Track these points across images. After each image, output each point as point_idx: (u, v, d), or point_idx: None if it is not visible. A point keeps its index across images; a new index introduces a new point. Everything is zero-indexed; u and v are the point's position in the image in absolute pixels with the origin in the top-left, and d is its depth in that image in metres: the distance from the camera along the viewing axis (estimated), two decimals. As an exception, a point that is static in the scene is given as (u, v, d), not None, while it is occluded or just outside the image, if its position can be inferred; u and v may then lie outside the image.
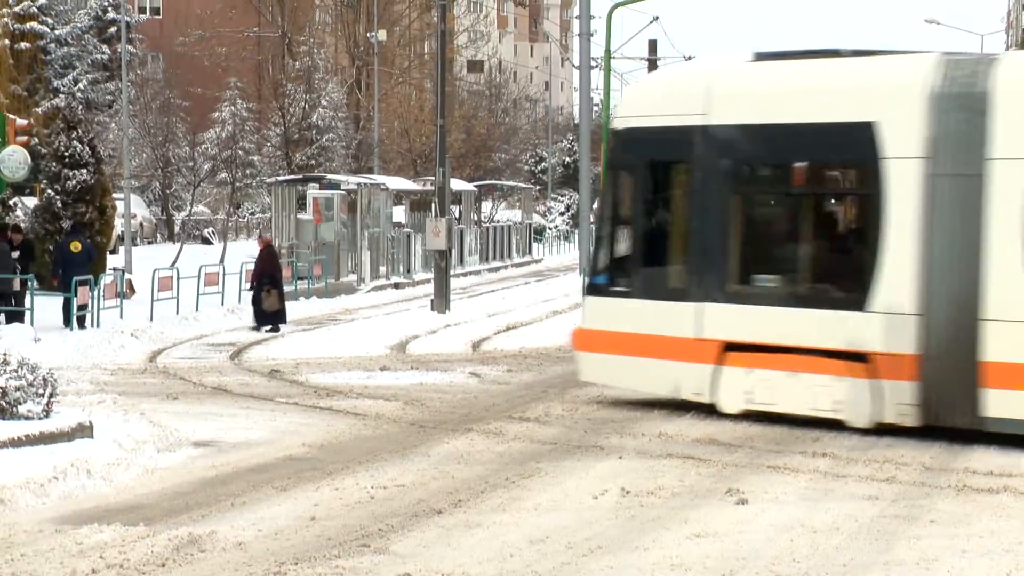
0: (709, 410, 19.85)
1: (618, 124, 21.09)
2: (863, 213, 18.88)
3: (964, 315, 17.70)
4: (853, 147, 18.65)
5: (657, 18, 60.00)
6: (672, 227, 20.44)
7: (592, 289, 21.16)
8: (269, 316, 33.90)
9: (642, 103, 20.80)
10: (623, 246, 20.74)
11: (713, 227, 19.66)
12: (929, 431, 18.08)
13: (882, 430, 18.39)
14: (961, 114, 17.94)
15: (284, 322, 34.04)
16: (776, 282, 19.38)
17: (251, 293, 34.60)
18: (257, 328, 33.60)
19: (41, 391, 16.92)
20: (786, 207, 19.80)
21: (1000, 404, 17.44)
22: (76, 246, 33.34)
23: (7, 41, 63.32)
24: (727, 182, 19.61)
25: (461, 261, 56.54)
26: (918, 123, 18.11)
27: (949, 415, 17.97)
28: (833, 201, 19.78)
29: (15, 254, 32.86)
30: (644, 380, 20.51)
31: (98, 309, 32.79)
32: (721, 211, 19.60)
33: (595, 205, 39.51)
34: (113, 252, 47.91)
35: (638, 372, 20.39)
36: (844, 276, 18.96)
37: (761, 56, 20.43)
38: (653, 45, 65.17)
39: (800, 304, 18.94)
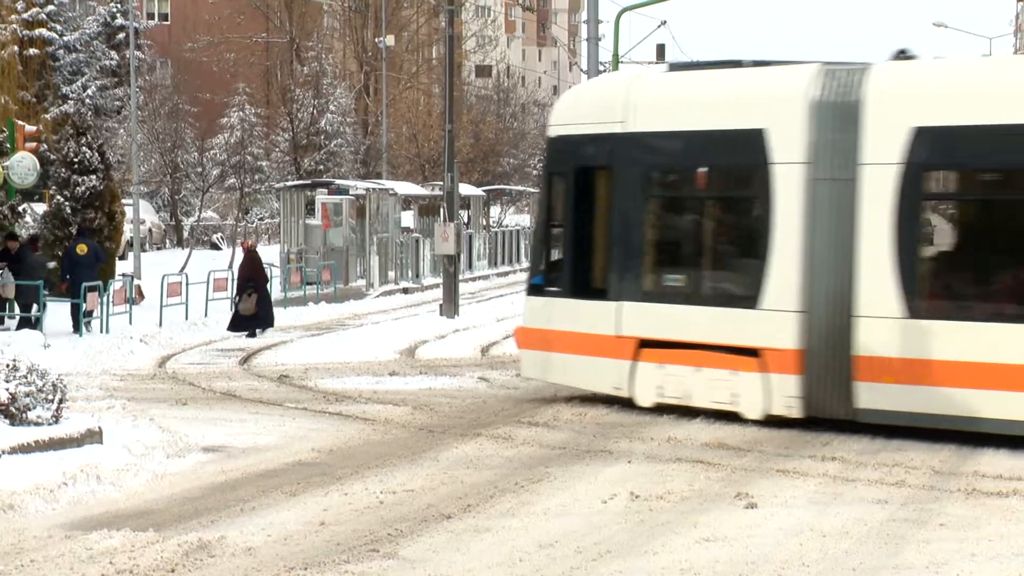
0: (718, 415, 19.88)
1: (550, 132, 22.32)
2: (756, 216, 19.74)
3: (839, 312, 18.76)
4: (747, 153, 19.63)
5: (665, 22, 59.98)
6: (596, 230, 21.33)
7: (531, 289, 22.28)
8: (244, 321, 33.74)
9: (571, 112, 21.93)
10: (556, 248, 21.86)
11: (630, 229, 20.78)
12: (939, 435, 18.08)
13: (892, 434, 18.39)
14: (836, 121, 19.01)
15: (265, 327, 33.74)
16: (683, 282, 20.54)
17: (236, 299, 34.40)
18: (239, 333, 33.38)
19: (51, 397, 16.95)
20: (692, 211, 20.81)
21: (870, 396, 18.52)
22: (83, 248, 33.39)
23: (16, 48, 63.50)
24: (642, 186, 20.74)
25: (470, 266, 56.59)
26: (800, 130, 19.19)
27: (827, 407, 19.04)
28: (731, 205, 20.60)
29: (51, 265, 32.82)
30: (574, 376, 21.63)
31: (107, 315, 32.84)
32: (637, 214, 20.74)
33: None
34: (122, 258, 47.99)
35: (569, 368, 21.55)
36: (740, 276, 19.99)
37: (674, 67, 22.35)
38: (661, 49, 65.18)
39: (704, 303, 20.07)
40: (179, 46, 79.22)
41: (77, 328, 31.97)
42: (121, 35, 74.14)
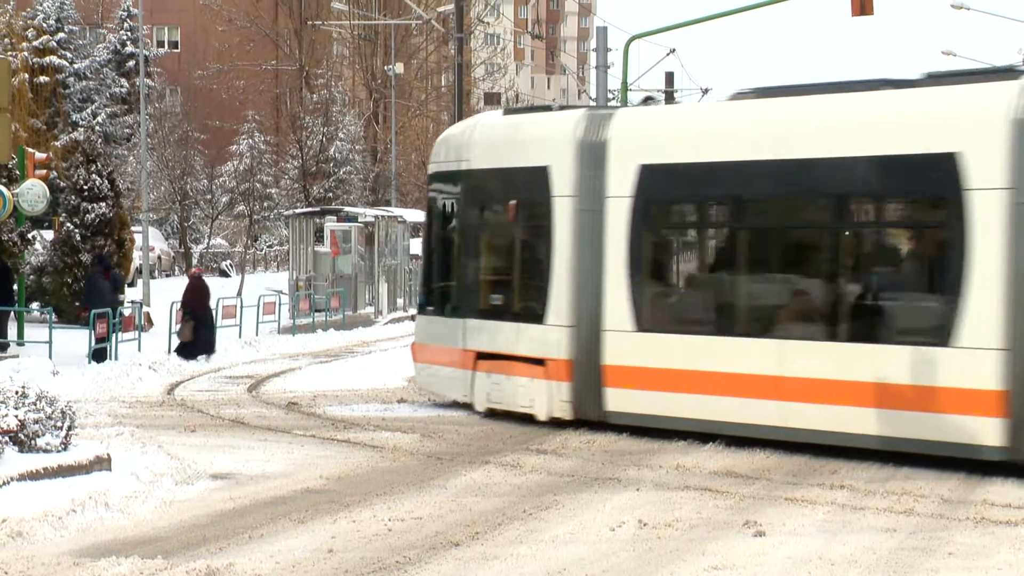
0: (727, 442, 19.90)
1: (429, 168, 26.00)
2: (545, 242, 22.49)
3: (593, 326, 21.60)
4: (537, 187, 22.46)
5: (674, 50, 59.98)
6: (451, 255, 24.48)
7: (419, 308, 26.01)
8: (183, 347, 33.87)
9: (441, 150, 25.10)
10: (432, 271, 25.18)
11: (469, 255, 23.93)
12: (947, 463, 18.06)
13: (901, 462, 18.38)
14: (593, 159, 21.90)
15: (196, 355, 33.68)
16: (501, 300, 23.52)
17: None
18: (189, 360, 33.47)
19: (59, 424, 16.96)
20: (506, 238, 23.72)
21: (614, 400, 21.45)
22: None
23: (26, 75, 63.62)
24: (477, 217, 23.98)
25: (478, 293, 56.47)
26: (570, 166, 22.12)
27: (587, 410, 21.87)
28: (531, 233, 23.14)
29: (121, 297, 32.97)
30: (441, 385, 24.83)
31: (116, 342, 32.86)
32: (474, 241, 23.94)
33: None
34: (131, 285, 48.03)
35: (437, 378, 24.73)
36: (535, 295, 22.65)
37: (507, 111, 26.16)
38: (670, 77, 65.33)
39: (514, 319, 23.02)
40: (189, 74, 79.39)
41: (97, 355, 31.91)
42: (131, 63, 74.35)
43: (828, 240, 19.67)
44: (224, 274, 67.22)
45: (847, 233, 19.61)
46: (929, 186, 18.68)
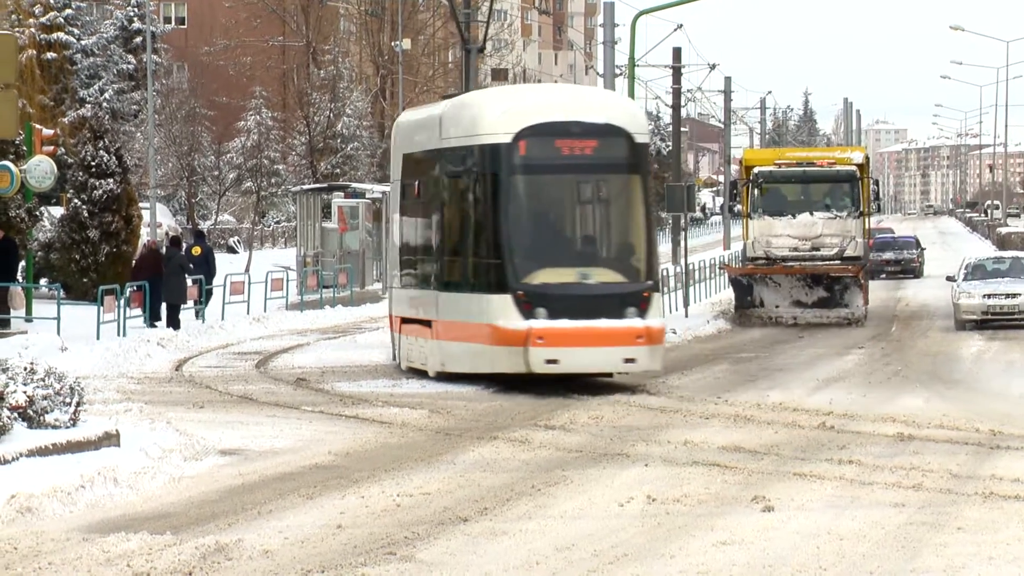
0: (734, 418, 19.88)
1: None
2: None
3: None
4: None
5: (681, 26, 59.83)
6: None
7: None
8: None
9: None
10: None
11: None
12: (956, 439, 18.02)
13: (910, 437, 18.36)
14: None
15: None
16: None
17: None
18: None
19: (68, 400, 16.97)
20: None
21: None
22: (196, 250, 34.68)
23: (34, 51, 63.66)
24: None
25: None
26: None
27: None
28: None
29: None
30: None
31: (124, 319, 32.90)
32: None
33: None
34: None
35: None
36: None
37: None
38: (677, 53, 65.21)
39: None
40: (196, 50, 79.33)
41: (173, 324, 34.16)
42: (138, 39, 74.22)
43: None
44: (232, 250, 67.20)
45: None
46: None
